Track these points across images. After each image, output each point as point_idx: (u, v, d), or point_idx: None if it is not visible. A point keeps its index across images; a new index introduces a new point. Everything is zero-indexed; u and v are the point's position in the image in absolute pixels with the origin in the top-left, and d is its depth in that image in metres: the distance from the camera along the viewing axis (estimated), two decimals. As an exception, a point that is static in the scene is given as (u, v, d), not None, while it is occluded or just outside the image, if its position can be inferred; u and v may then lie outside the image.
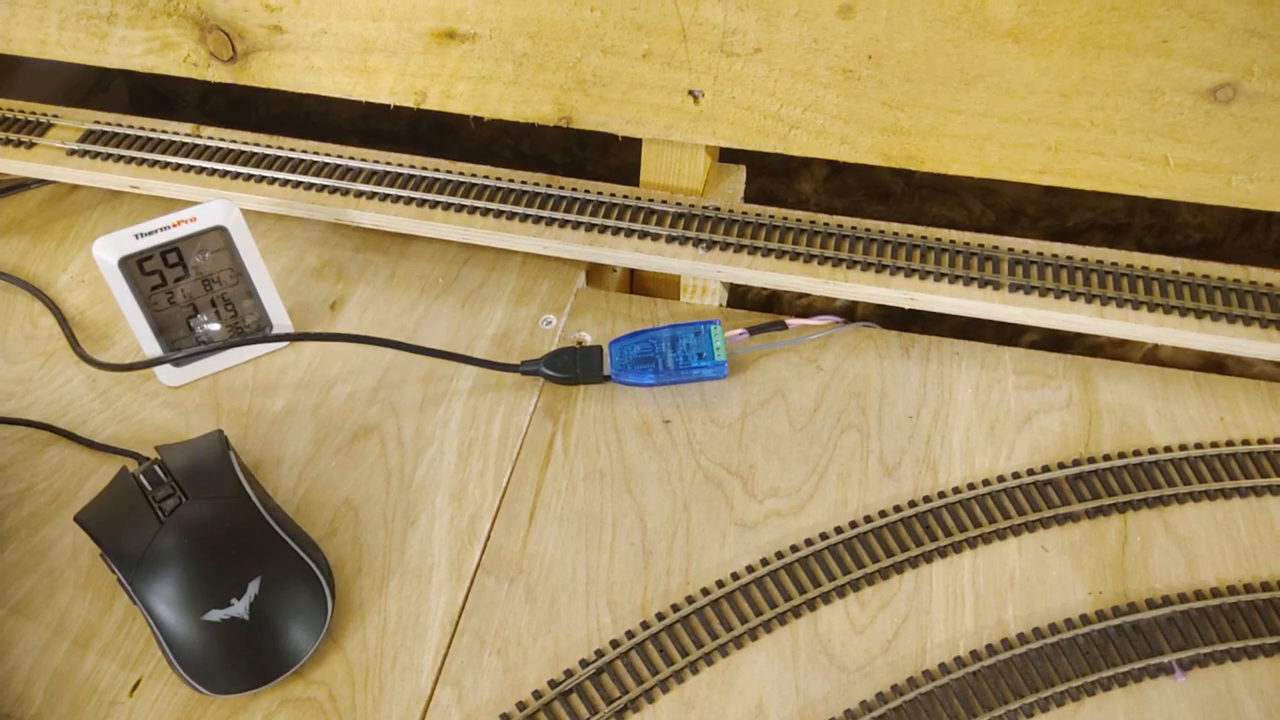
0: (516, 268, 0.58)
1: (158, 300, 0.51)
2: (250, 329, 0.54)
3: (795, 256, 0.53)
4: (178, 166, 0.59)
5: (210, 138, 0.61)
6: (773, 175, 0.77)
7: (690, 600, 0.44)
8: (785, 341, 0.53)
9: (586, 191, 0.57)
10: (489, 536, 0.46)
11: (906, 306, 0.53)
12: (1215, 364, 0.57)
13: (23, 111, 0.63)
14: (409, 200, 0.57)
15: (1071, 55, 0.49)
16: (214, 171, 0.59)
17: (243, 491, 0.44)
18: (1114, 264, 0.53)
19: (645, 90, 0.55)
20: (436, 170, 0.58)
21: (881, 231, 0.55)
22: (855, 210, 0.56)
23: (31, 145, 0.61)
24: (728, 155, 0.60)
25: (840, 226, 0.55)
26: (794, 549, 0.45)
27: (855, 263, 0.53)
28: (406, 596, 0.44)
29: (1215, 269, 0.53)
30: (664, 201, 0.57)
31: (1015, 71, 0.50)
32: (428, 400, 0.51)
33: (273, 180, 0.58)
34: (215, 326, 0.53)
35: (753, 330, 0.53)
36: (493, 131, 0.77)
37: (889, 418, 0.50)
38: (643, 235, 0.55)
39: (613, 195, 0.57)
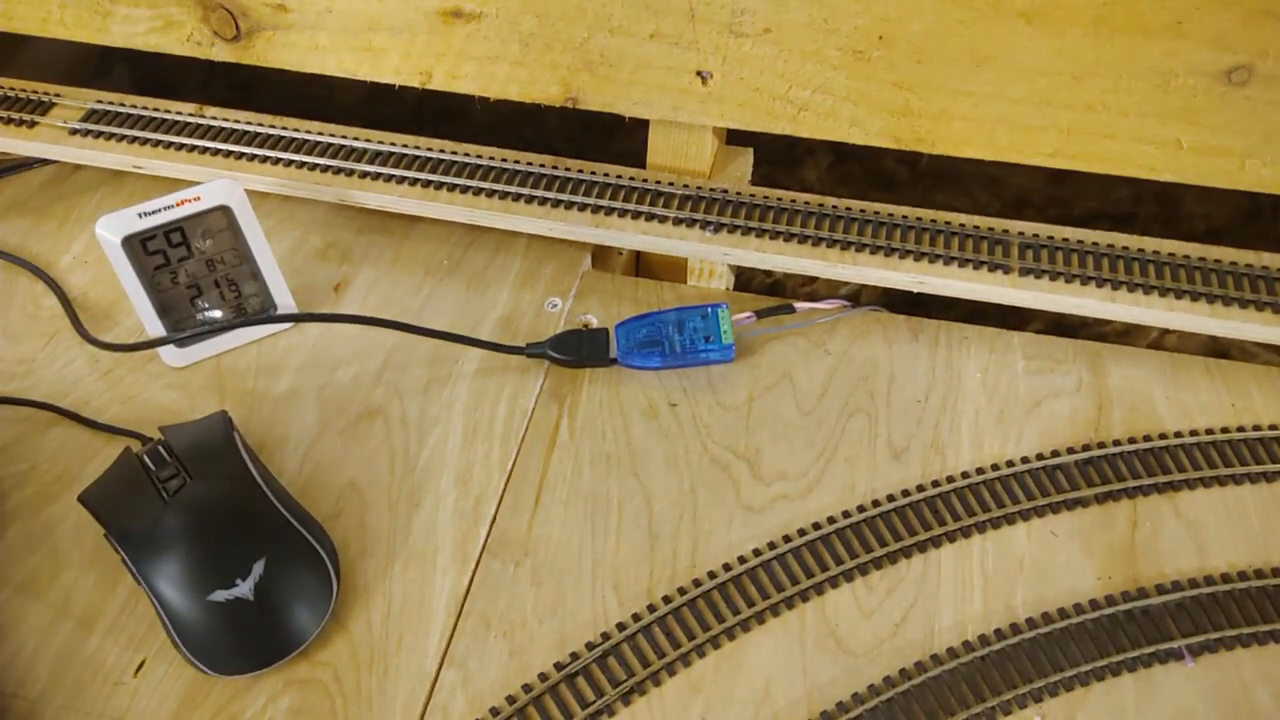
0: (522, 250, 0.58)
1: (161, 280, 0.51)
2: (254, 310, 0.53)
3: (803, 239, 0.53)
4: (181, 146, 0.59)
5: (214, 118, 0.60)
6: (776, 163, 0.77)
7: (697, 584, 0.43)
8: (793, 325, 0.53)
9: (592, 173, 0.57)
10: (494, 519, 0.46)
11: (915, 290, 0.52)
12: (1221, 352, 0.57)
13: (24, 90, 0.62)
14: (414, 181, 0.56)
15: (1084, 36, 0.48)
16: (218, 151, 0.58)
17: (247, 472, 0.43)
18: (1125, 248, 0.52)
19: (653, 71, 0.54)
20: (441, 151, 0.58)
21: (890, 215, 0.54)
22: (860, 198, 0.55)
23: (33, 124, 0.60)
24: (735, 138, 0.60)
25: (849, 209, 0.55)
26: (801, 533, 0.45)
27: (864, 246, 0.53)
28: (411, 579, 0.44)
29: (1226, 254, 0.52)
30: (670, 184, 0.56)
31: (1027, 53, 0.49)
32: (432, 382, 0.51)
33: (277, 160, 0.58)
34: (219, 310, 0.53)
35: (760, 314, 0.53)
36: (497, 117, 0.77)
37: (897, 402, 0.50)
38: (649, 217, 0.54)
39: (619, 177, 0.57)
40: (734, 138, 0.60)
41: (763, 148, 0.60)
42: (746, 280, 0.67)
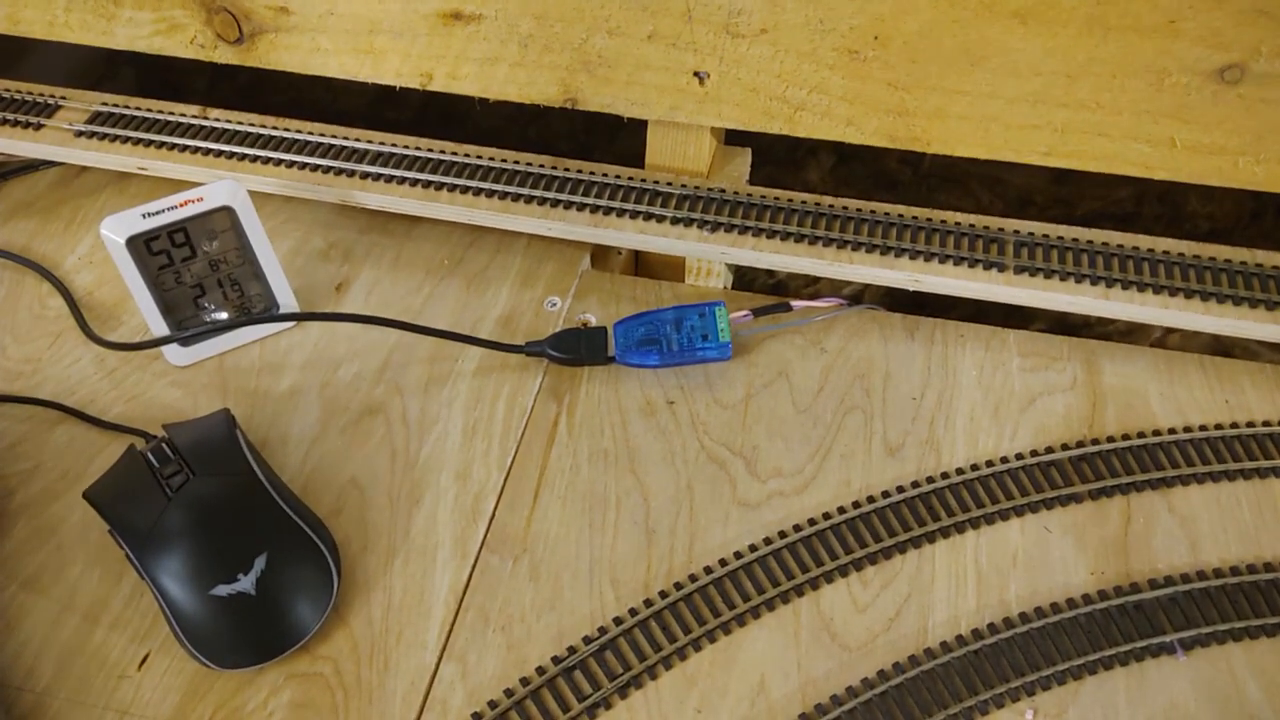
0: (522, 249, 0.58)
1: (165, 280, 0.51)
2: (257, 309, 0.54)
3: (800, 239, 0.53)
4: (185, 148, 0.59)
5: (217, 119, 0.61)
6: (779, 164, 0.77)
7: (693, 579, 0.44)
8: (789, 323, 0.53)
9: (591, 173, 0.57)
10: (493, 515, 0.46)
11: (911, 288, 0.53)
12: (1223, 351, 0.57)
13: (30, 93, 0.63)
14: (415, 182, 0.57)
15: (1078, 36, 0.49)
16: (221, 153, 0.59)
17: (249, 469, 0.44)
18: (1120, 246, 0.53)
19: (650, 72, 0.55)
20: (442, 152, 0.59)
21: (886, 214, 0.55)
22: (862, 199, 0.56)
23: (39, 126, 0.61)
24: (734, 138, 0.60)
25: (845, 209, 0.55)
26: (797, 529, 0.45)
27: (860, 245, 0.53)
28: (411, 574, 0.44)
29: (1222, 252, 0.52)
30: (669, 183, 0.57)
31: (1021, 52, 0.50)
32: (433, 380, 0.52)
33: (279, 162, 0.59)
34: (222, 310, 0.53)
35: (757, 312, 0.53)
36: (500, 118, 0.77)
37: (893, 399, 0.50)
38: (648, 217, 0.55)
39: (617, 177, 0.57)
40: (732, 138, 0.60)
41: (765, 149, 0.60)
42: (749, 280, 0.67)
